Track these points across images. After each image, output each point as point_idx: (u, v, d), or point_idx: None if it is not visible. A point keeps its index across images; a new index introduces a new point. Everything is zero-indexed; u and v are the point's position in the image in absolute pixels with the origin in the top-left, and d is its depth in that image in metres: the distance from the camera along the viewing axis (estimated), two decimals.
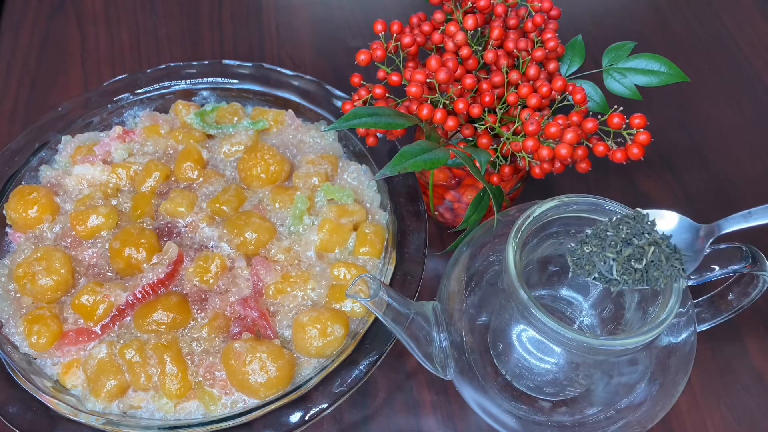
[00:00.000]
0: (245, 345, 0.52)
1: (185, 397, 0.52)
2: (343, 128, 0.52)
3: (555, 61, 0.56)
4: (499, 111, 0.54)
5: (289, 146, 0.66)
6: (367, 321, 0.54)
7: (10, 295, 0.57)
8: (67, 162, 0.64)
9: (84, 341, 0.54)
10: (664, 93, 0.70)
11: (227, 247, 0.58)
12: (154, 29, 0.85)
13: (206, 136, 0.67)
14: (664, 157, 0.74)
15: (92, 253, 0.58)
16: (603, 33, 0.85)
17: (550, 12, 0.56)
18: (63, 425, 0.50)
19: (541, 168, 0.53)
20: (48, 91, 0.78)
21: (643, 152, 0.51)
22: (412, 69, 0.56)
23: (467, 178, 0.60)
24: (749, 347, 0.62)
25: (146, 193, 0.62)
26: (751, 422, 0.58)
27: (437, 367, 0.49)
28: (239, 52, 0.82)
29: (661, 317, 0.42)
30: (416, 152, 0.49)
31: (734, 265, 0.47)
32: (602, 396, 0.49)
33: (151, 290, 0.55)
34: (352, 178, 0.64)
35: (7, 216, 0.60)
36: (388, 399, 0.59)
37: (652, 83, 0.56)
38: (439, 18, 0.56)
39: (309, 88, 0.68)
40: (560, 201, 0.47)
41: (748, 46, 0.85)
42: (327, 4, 0.88)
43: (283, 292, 0.56)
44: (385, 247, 0.59)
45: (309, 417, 0.50)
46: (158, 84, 0.69)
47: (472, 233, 0.53)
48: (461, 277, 0.51)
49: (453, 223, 0.66)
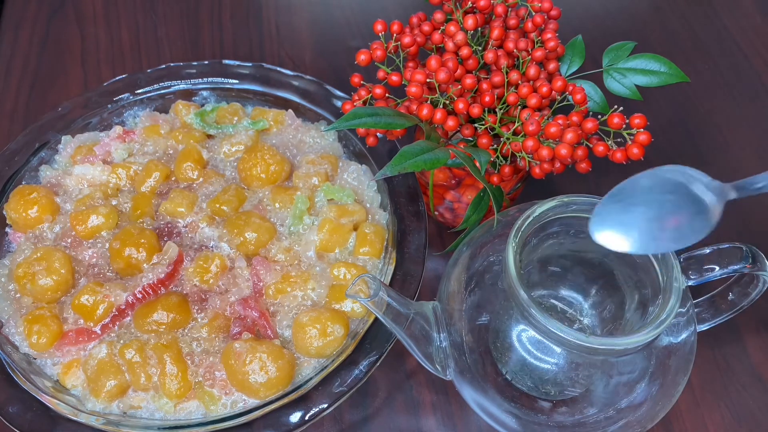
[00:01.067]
0: (245, 345, 0.52)
1: (185, 397, 0.52)
2: (343, 128, 0.52)
3: (555, 61, 0.56)
4: (499, 111, 0.54)
5: (289, 146, 0.66)
6: (367, 321, 0.54)
7: (10, 295, 0.57)
8: (67, 162, 0.64)
9: (84, 341, 0.54)
10: (664, 93, 0.71)
11: (227, 247, 0.58)
12: (154, 29, 0.85)
13: (206, 136, 0.67)
14: (664, 157, 0.74)
15: (92, 253, 0.58)
16: (603, 33, 0.85)
17: (550, 12, 0.56)
18: (63, 425, 0.50)
19: (541, 168, 0.53)
20: (48, 91, 0.78)
21: (643, 152, 0.51)
22: (412, 69, 0.56)
23: (467, 178, 0.60)
24: (749, 347, 0.62)
25: (146, 193, 0.62)
26: (751, 422, 0.58)
27: (437, 367, 0.49)
28: (239, 52, 0.82)
29: (661, 317, 0.42)
30: (416, 152, 0.49)
31: (734, 265, 0.47)
32: (602, 396, 0.49)
33: (151, 290, 0.55)
34: (352, 178, 0.64)
35: (7, 216, 0.60)
36: (388, 399, 0.59)
37: (652, 83, 0.56)
38: (439, 18, 0.56)
39: (309, 88, 0.68)
40: (560, 201, 0.47)
41: (748, 46, 0.85)
42: (327, 4, 0.88)
43: (283, 292, 0.56)
44: (385, 247, 0.59)
45: (309, 417, 0.50)
46: (158, 84, 0.69)
47: (472, 233, 0.53)
48: (461, 277, 0.51)
49: (453, 223, 0.66)
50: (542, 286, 0.56)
